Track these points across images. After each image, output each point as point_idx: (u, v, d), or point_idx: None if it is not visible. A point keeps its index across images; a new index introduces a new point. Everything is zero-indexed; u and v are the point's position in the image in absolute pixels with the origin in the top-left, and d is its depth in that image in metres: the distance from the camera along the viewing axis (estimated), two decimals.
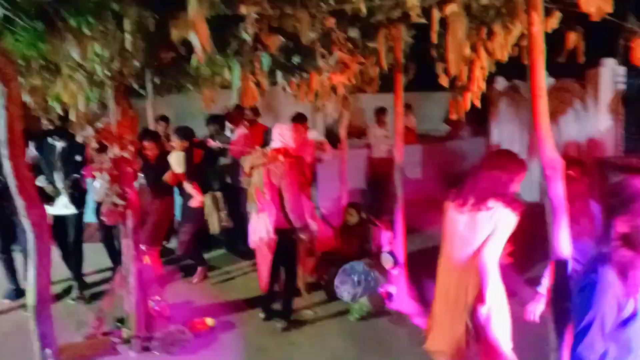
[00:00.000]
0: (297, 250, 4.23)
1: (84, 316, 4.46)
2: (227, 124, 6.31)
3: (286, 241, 4.11)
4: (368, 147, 7.99)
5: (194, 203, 5.05)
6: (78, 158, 4.57)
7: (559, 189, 2.57)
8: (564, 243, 2.57)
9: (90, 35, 2.29)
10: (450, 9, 2.23)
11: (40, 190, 4.48)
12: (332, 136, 7.94)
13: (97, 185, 4.37)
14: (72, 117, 2.84)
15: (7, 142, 1.79)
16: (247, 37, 2.64)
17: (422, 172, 8.77)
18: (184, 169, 4.93)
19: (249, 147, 5.25)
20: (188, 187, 5.01)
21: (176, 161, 4.92)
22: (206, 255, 5.78)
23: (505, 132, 8.90)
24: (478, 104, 3.19)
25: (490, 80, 8.64)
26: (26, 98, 2.88)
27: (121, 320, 4.07)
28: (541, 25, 2.48)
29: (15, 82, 1.79)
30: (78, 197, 4.72)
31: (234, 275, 5.47)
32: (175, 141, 4.95)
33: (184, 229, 5.19)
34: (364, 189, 8.00)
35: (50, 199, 4.58)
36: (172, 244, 6.02)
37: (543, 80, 2.56)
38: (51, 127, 4.45)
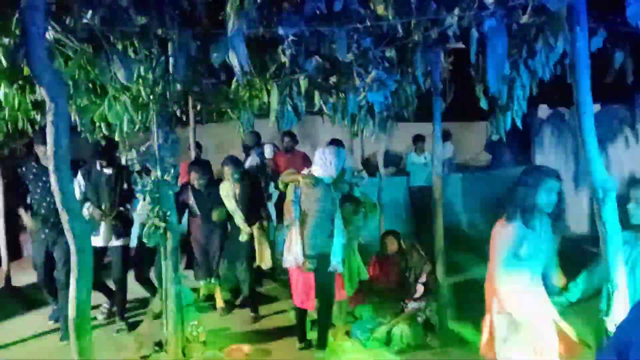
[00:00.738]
0: (330, 276, 4.14)
1: (124, 339, 4.52)
2: (266, 151, 6.40)
3: (319, 266, 4.03)
4: (406, 174, 7.91)
5: (243, 237, 4.87)
6: (125, 186, 4.54)
7: (612, 212, 2.43)
8: (620, 270, 2.41)
9: (136, 58, 2.40)
10: (489, 24, 2.20)
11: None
12: (369, 165, 7.93)
13: (138, 208, 4.46)
14: (117, 137, 2.96)
15: (54, 156, 1.86)
16: (285, 60, 2.69)
17: (463, 202, 8.57)
18: (238, 200, 4.83)
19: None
20: (238, 220, 4.86)
21: (225, 192, 4.82)
22: None
23: (549, 161, 8.61)
24: (519, 124, 3.10)
25: (533, 107, 8.46)
26: (75, 119, 3.03)
27: (160, 344, 4.08)
28: (585, 40, 2.41)
29: (63, 98, 1.87)
30: (122, 228, 4.64)
31: (272, 303, 5.41)
32: (226, 171, 4.82)
33: (243, 267, 4.95)
34: (402, 217, 7.88)
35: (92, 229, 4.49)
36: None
37: (589, 97, 2.46)
38: (101, 160, 4.46)
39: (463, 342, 4.16)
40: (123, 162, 4.41)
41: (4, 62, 2.23)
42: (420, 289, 4.54)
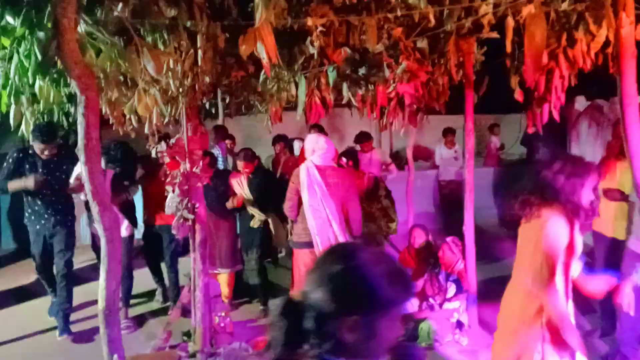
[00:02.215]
0: None
1: (154, 329, 4.60)
2: (296, 144, 6.38)
3: None
4: (436, 168, 7.78)
5: (255, 223, 4.92)
6: (126, 183, 4.59)
7: None
8: None
9: (165, 50, 2.41)
10: (527, 10, 2.10)
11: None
12: (398, 158, 7.83)
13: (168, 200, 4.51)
14: (147, 129, 2.99)
15: (84, 148, 1.88)
16: (313, 51, 2.65)
17: (495, 197, 8.37)
18: (251, 192, 4.85)
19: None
20: (252, 209, 4.90)
21: (238, 184, 4.87)
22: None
23: (586, 154, 8.28)
24: (557, 117, 2.97)
25: (570, 99, 8.16)
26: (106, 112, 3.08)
27: (188, 334, 4.13)
28: (632, 27, 2.28)
29: (93, 91, 1.89)
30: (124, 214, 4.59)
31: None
32: (239, 164, 4.90)
33: (253, 255, 4.99)
34: (431, 211, 7.76)
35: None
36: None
37: (634, 88, 2.34)
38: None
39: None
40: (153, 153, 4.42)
41: (38, 55, 2.27)
42: (452, 287, 4.45)
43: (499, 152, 9.09)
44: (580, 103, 8.42)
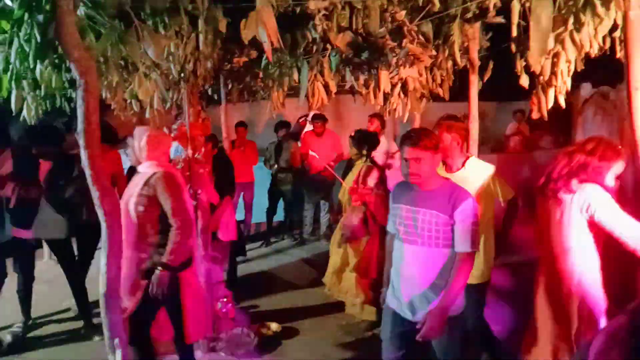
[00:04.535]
0: None
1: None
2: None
3: None
4: None
5: None
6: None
7: None
8: None
9: (166, 34, 2.38)
10: None
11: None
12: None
13: None
14: (148, 114, 2.97)
15: (84, 132, 1.87)
16: (316, 36, 2.61)
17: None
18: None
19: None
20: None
21: None
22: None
23: None
24: (562, 103, 2.93)
25: (575, 86, 8.06)
26: (106, 96, 3.06)
27: None
28: None
29: (93, 74, 1.87)
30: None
31: (301, 284, 5.43)
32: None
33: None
34: None
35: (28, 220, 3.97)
36: None
37: None
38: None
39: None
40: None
41: (38, 39, 2.25)
42: None
43: (519, 139, 8.99)
44: (586, 90, 8.32)
